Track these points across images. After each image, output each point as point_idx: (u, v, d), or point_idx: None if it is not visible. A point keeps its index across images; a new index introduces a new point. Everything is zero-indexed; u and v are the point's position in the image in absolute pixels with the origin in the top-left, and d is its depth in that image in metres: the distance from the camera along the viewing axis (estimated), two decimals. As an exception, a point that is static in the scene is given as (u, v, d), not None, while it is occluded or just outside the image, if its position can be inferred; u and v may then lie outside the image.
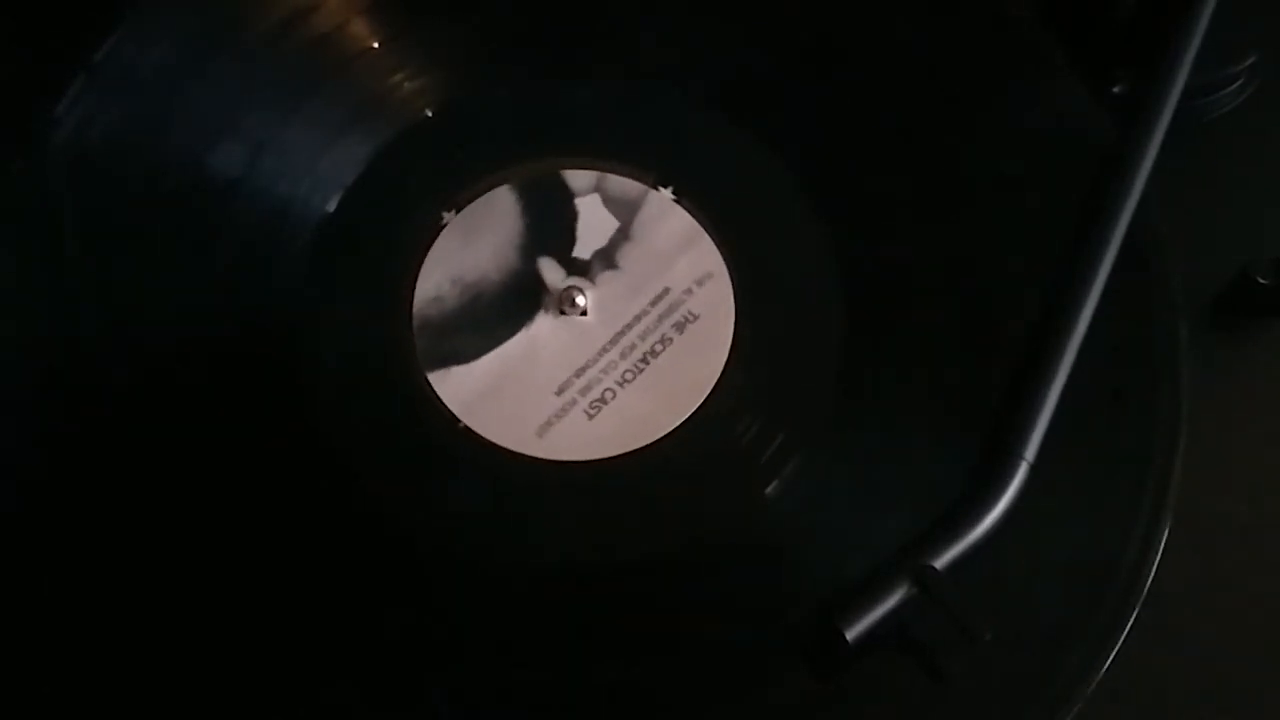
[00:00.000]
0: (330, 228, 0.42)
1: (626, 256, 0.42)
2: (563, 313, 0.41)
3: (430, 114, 0.43)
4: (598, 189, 0.43)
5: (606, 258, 0.42)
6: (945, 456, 0.39)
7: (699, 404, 0.40)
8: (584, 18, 0.45)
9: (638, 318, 0.41)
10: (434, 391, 0.40)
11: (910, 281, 0.42)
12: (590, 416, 0.40)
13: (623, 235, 0.42)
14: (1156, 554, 0.37)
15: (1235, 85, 0.46)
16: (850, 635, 0.35)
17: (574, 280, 0.42)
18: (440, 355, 0.40)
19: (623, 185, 0.43)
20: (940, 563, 0.36)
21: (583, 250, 0.42)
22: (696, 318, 0.41)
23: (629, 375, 0.40)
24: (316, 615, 0.37)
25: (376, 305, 0.41)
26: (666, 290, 0.42)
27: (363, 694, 0.36)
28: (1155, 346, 0.40)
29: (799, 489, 0.39)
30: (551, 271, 0.42)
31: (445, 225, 0.42)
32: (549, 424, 0.40)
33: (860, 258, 0.42)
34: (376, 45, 0.44)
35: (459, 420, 0.39)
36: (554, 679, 0.36)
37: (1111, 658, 0.36)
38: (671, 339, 0.41)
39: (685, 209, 0.43)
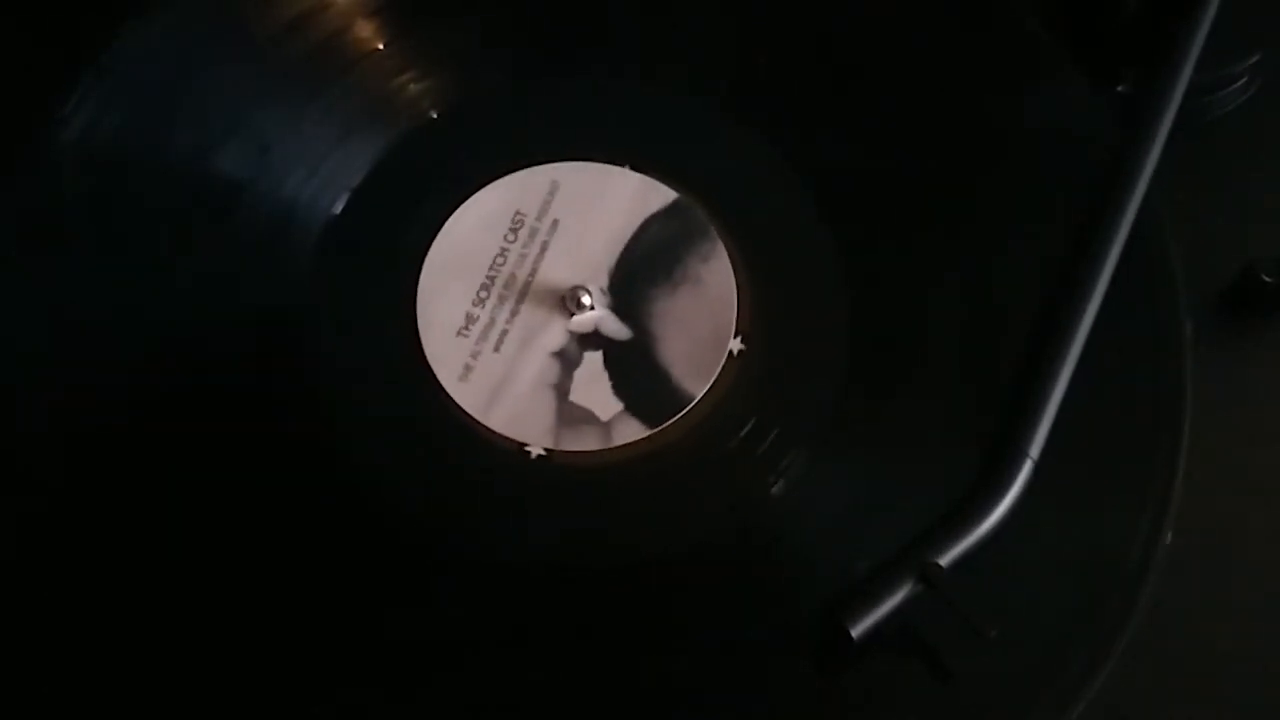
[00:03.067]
0: (337, 229, 0.42)
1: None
2: (570, 312, 0.41)
3: (436, 116, 0.44)
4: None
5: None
6: (950, 454, 0.39)
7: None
8: (588, 18, 0.45)
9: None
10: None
11: (915, 280, 0.42)
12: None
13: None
14: (1160, 552, 0.37)
15: (1239, 83, 0.46)
16: (855, 633, 0.35)
17: (581, 280, 0.42)
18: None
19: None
20: (946, 560, 0.36)
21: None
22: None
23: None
24: (330, 616, 0.37)
25: (384, 306, 0.41)
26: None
27: (370, 693, 0.36)
28: (1160, 344, 0.40)
29: (804, 488, 0.39)
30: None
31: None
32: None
33: (865, 257, 0.42)
34: (382, 47, 0.44)
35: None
36: (558, 678, 0.36)
37: (1116, 656, 0.36)
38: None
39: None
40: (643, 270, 0.42)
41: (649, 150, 0.43)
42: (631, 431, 0.40)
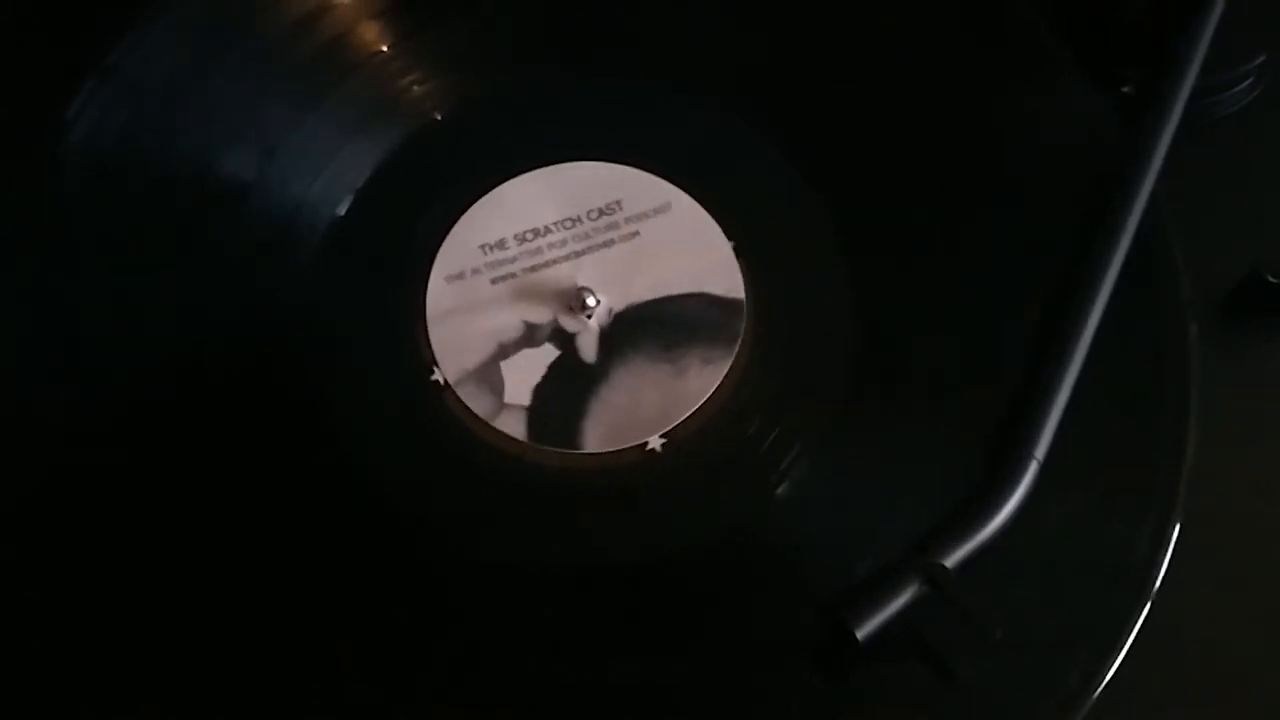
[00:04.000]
0: (340, 231, 0.42)
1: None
2: (575, 313, 0.41)
3: (440, 117, 0.44)
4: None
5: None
6: (955, 456, 0.39)
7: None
8: (593, 19, 0.45)
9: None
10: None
11: (920, 282, 0.42)
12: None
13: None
14: (1166, 552, 0.37)
15: (1244, 84, 0.46)
16: (860, 634, 0.35)
17: (584, 281, 0.42)
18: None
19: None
20: (951, 561, 0.36)
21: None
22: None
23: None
24: (330, 614, 0.37)
25: (388, 308, 0.41)
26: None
27: (370, 693, 0.36)
28: (1165, 345, 0.40)
29: (809, 489, 0.39)
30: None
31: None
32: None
33: (870, 257, 0.42)
34: (386, 49, 0.44)
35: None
36: (564, 678, 0.36)
37: (1121, 656, 0.36)
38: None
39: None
40: (652, 325, 0.41)
41: (654, 149, 0.43)
42: (509, 427, 0.39)
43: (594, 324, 0.41)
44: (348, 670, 0.36)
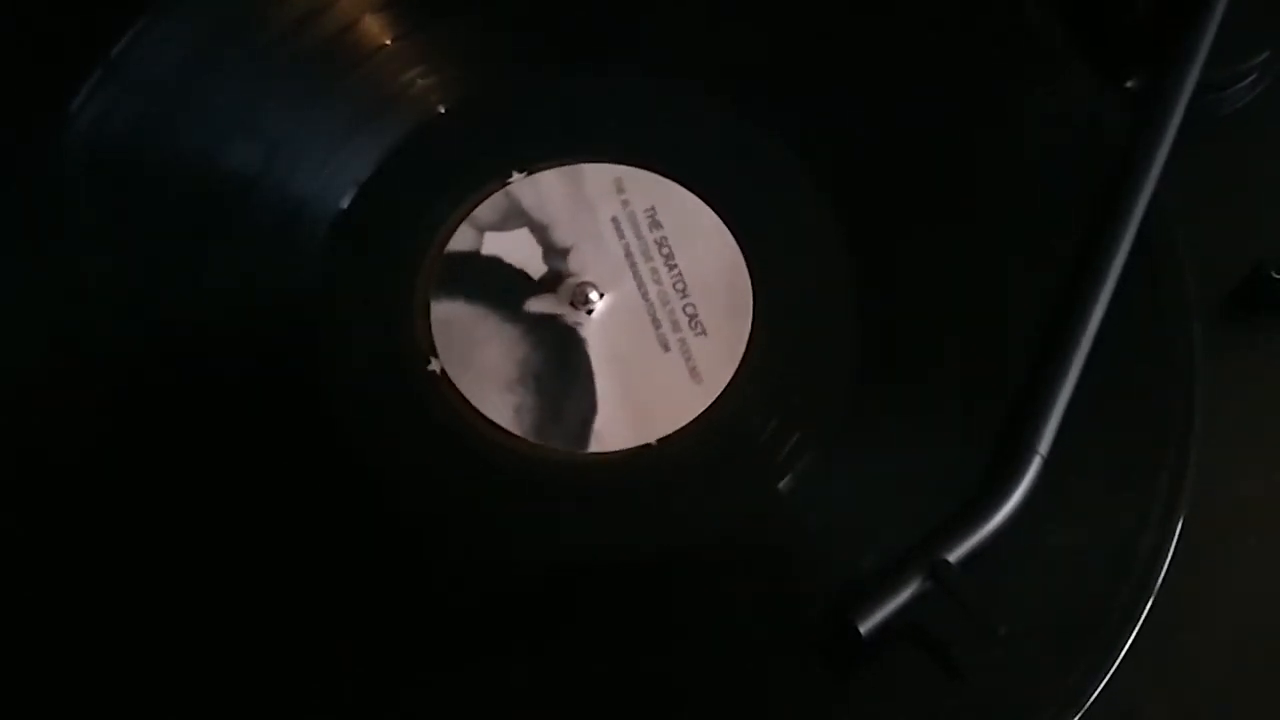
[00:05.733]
0: (345, 224, 0.42)
1: (559, 236, 0.42)
2: (590, 312, 0.41)
3: (444, 110, 0.44)
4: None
5: (553, 254, 0.42)
6: (959, 451, 0.39)
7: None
8: (598, 12, 0.45)
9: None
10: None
11: (925, 278, 0.42)
12: (702, 334, 0.40)
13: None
14: (1170, 549, 0.37)
15: (1249, 80, 0.46)
16: (864, 629, 0.35)
17: (568, 284, 0.41)
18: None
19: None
20: (954, 556, 0.36)
21: (536, 268, 0.42)
22: (655, 209, 0.42)
23: (679, 285, 0.41)
24: (332, 612, 0.37)
25: (391, 301, 0.41)
26: (614, 217, 0.42)
27: (372, 692, 0.36)
28: (1169, 341, 0.40)
29: (813, 484, 0.39)
30: (546, 303, 0.42)
31: (438, 371, 0.41)
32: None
33: (875, 253, 0.42)
34: (390, 42, 0.44)
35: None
36: (566, 675, 0.36)
37: (1123, 654, 0.36)
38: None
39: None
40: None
41: (657, 144, 0.43)
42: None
43: (596, 319, 0.41)
44: (345, 668, 0.36)
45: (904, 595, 0.36)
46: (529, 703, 0.36)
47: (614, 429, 0.39)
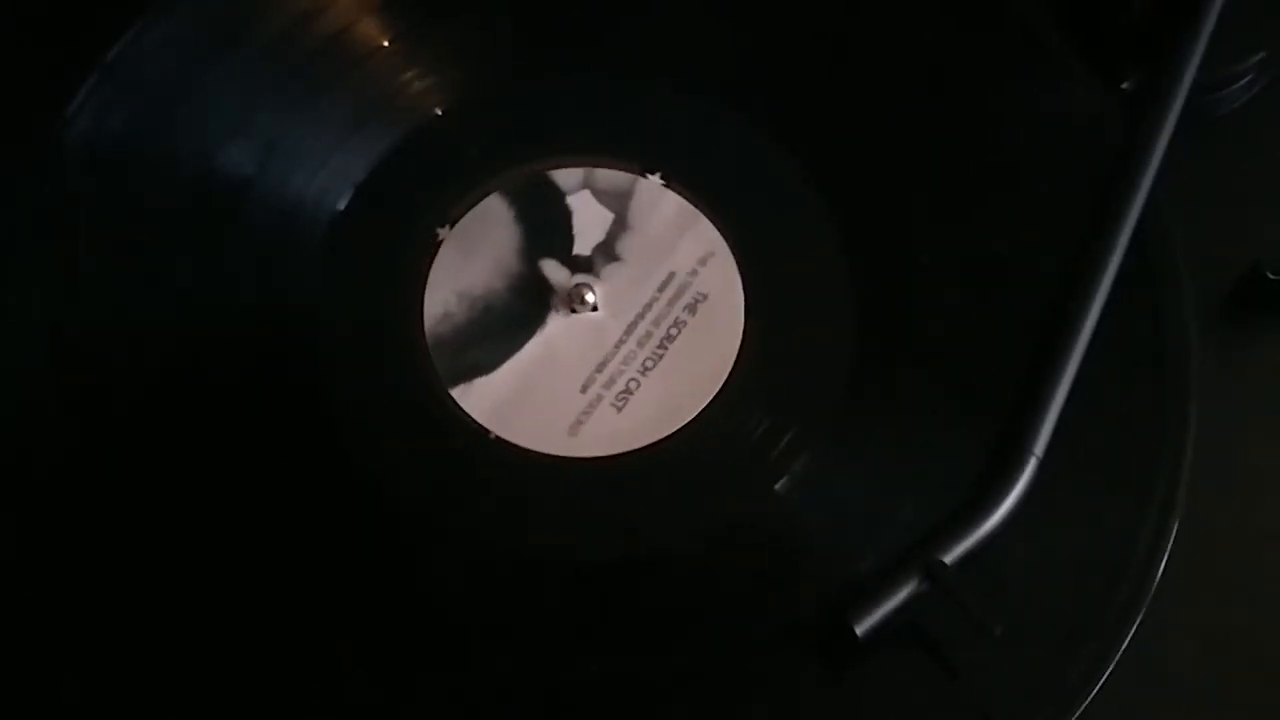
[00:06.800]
0: (341, 226, 0.42)
1: (627, 247, 0.42)
2: (573, 311, 0.41)
3: (440, 112, 0.44)
4: (587, 184, 0.43)
5: (607, 251, 0.42)
6: (955, 452, 0.39)
7: (720, 387, 0.40)
8: (595, 14, 0.45)
9: (648, 305, 0.41)
10: (459, 407, 0.40)
11: (920, 276, 0.42)
12: (618, 409, 0.40)
13: (620, 226, 0.42)
14: (1165, 551, 0.37)
15: (1244, 81, 0.46)
16: (861, 630, 0.35)
17: (580, 277, 0.42)
18: (460, 369, 0.40)
19: (613, 177, 0.43)
20: (950, 557, 0.36)
21: (583, 246, 0.42)
22: (706, 297, 0.41)
23: (649, 363, 0.41)
24: (332, 611, 0.37)
25: (389, 310, 0.41)
26: (672, 274, 0.42)
27: (371, 692, 0.36)
28: (1165, 342, 0.40)
29: (809, 485, 0.39)
30: (555, 272, 0.42)
31: (441, 241, 0.42)
32: (579, 423, 0.40)
33: (871, 255, 0.42)
34: (387, 44, 0.44)
35: (489, 431, 0.39)
36: (564, 675, 0.36)
37: (1120, 654, 0.36)
38: (685, 321, 0.41)
39: (695, 206, 0.43)
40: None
41: (654, 146, 0.43)
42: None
43: (601, 286, 0.41)
44: (344, 668, 0.36)
45: (900, 596, 0.36)
46: (529, 703, 0.36)
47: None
